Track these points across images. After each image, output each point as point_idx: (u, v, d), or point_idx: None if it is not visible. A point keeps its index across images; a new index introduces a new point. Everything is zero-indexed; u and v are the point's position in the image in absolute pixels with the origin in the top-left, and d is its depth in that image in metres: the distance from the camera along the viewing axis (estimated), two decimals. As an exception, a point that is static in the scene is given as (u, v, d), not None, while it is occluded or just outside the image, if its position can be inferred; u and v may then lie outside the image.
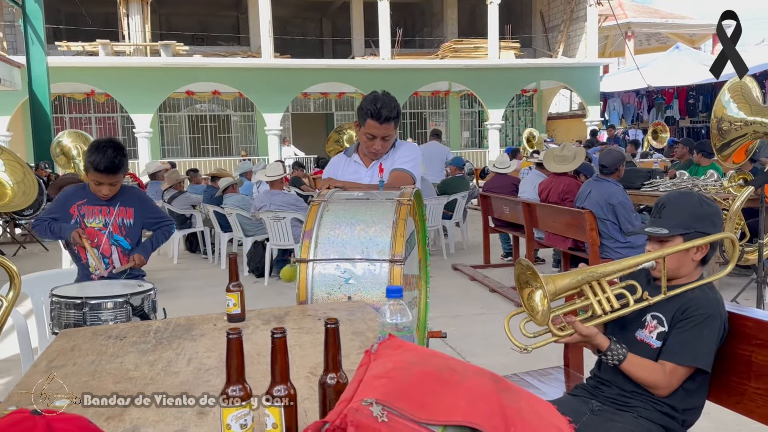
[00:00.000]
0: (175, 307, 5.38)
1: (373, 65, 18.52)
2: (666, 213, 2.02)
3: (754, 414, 1.94)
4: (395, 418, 0.87)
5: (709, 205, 2.03)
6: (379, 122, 2.84)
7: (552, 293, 1.83)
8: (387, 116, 2.83)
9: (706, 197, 2.07)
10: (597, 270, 1.92)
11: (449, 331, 4.74)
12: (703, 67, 17.71)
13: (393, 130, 2.89)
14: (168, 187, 8.44)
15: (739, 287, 5.12)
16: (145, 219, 3.45)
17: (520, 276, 1.91)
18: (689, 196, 2.05)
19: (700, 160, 7.13)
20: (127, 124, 18.83)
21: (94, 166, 3.15)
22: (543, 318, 1.83)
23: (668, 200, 2.06)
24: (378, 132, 2.87)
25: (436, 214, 7.80)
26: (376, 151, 2.92)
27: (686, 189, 2.43)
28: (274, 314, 2.09)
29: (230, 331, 1.11)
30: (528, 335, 1.93)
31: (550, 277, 1.86)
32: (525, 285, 1.90)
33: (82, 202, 3.30)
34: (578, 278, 1.89)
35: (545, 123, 23.08)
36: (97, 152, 3.13)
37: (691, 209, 1.99)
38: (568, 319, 1.91)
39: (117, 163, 3.17)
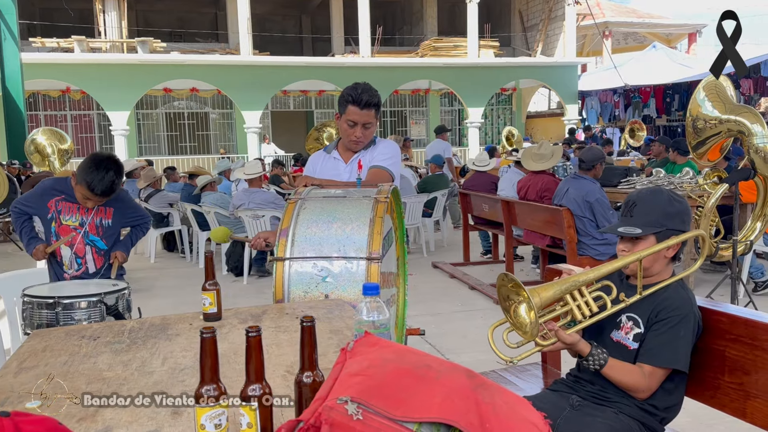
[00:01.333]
0: (151, 306, 5.33)
1: (353, 63, 18.46)
2: (637, 211, 2.01)
3: (727, 408, 1.97)
4: (370, 416, 0.87)
5: (680, 203, 2.04)
6: (360, 107, 2.82)
7: (539, 306, 1.81)
8: (368, 101, 2.81)
9: (676, 194, 2.08)
10: (579, 279, 1.91)
11: (429, 329, 4.75)
12: (680, 66, 18.00)
13: (374, 118, 2.88)
14: (145, 185, 8.34)
15: (714, 283, 5.20)
16: (125, 220, 3.39)
17: (502, 289, 1.88)
18: (660, 194, 2.04)
19: (676, 158, 7.22)
20: (104, 121, 18.57)
21: (90, 187, 3.04)
22: (532, 330, 1.80)
23: (639, 198, 2.05)
24: (359, 118, 2.85)
25: (416, 212, 7.81)
26: (357, 138, 2.90)
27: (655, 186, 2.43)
28: (251, 313, 2.07)
29: (204, 330, 1.09)
30: (511, 345, 1.92)
31: (535, 289, 1.84)
32: (507, 300, 1.87)
33: (60, 197, 3.22)
34: (562, 288, 1.88)
35: (524, 122, 23.22)
36: (96, 172, 3.02)
37: (662, 207, 2.00)
38: (550, 327, 1.90)
39: (114, 188, 3.09)
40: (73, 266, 3.24)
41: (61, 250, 3.22)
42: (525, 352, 1.94)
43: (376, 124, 2.95)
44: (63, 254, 3.24)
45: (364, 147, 2.96)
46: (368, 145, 2.98)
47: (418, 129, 22.73)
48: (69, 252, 3.22)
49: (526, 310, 1.80)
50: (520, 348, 1.95)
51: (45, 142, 9.75)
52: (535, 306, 1.76)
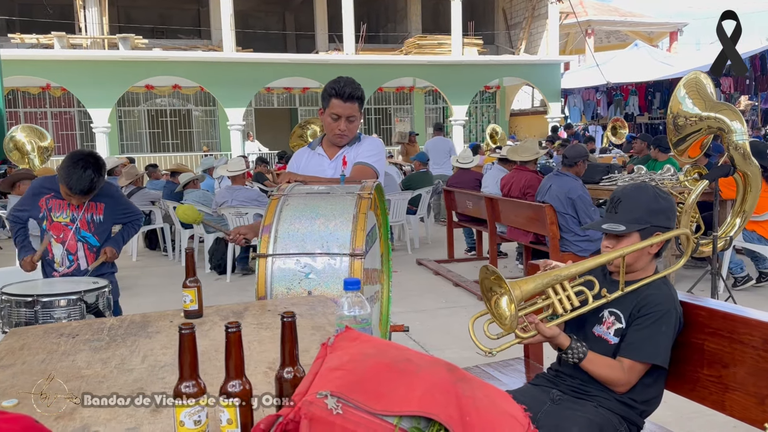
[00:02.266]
0: (133, 305, 5.29)
1: (337, 60, 18.41)
2: (622, 208, 2.01)
3: (706, 401, 1.99)
4: (350, 410, 0.86)
5: (665, 199, 2.03)
6: (343, 100, 2.81)
7: (519, 299, 1.82)
8: (350, 94, 2.80)
9: (661, 191, 2.06)
10: (561, 273, 1.91)
11: (413, 325, 4.76)
12: (661, 64, 18.18)
13: (357, 112, 2.87)
14: (127, 183, 8.26)
15: (695, 279, 5.26)
16: (116, 216, 3.37)
17: (484, 281, 1.88)
18: (645, 191, 2.03)
19: (657, 155, 7.29)
20: (85, 119, 18.36)
21: (68, 186, 3.01)
22: (511, 323, 1.81)
23: (624, 195, 2.04)
24: (342, 111, 2.83)
25: (401, 209, 7.82)
26: (342, 132, 2.88)
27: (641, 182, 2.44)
28: (232, 310, 2.06)
29: (182, 326, 1.08)
30: (492, 337, 1.93)
31: (516, 282, 1.84)
32: (489, 292, 1.87)
33: (50, 195, 3.20)
34: (543, 282, 1.88)
35: (508, 119, 23.31)
36: (74, 170, 2.98)
37: (646, 204, 1.99)
38: (531, 320, 1.91)
39: (93, 186, 3.05)
40: (64, 263, 3.21)
41: (52, 248, 3.19)
42: (505, 343, 1.94)
43: (360, 119, 2.94)
44: (54, 252, 3.21)
45: (348, 143, 2.95)
46: (353, 141, 2.96)
47: (403, 126, 22.72)
48: (61, 249, 3.19)
49: (507, 302, 1.81)
50: (501, 339, 1.95)
51: (24, 139, 9.61)
52: (516, 299, 1.77)
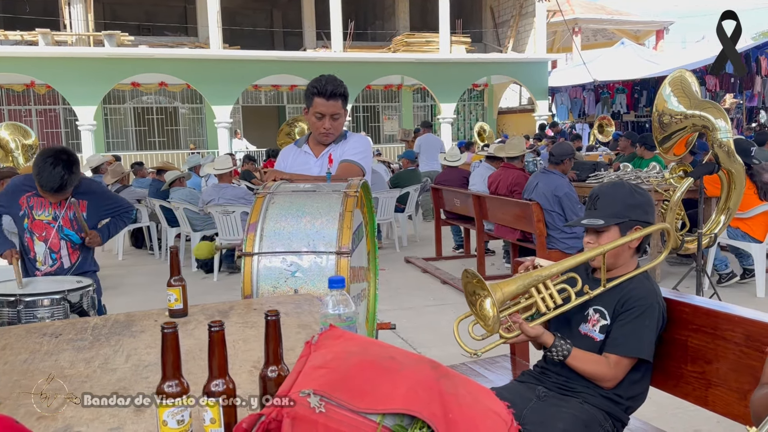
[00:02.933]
0: (119, 304, 5.25)
1: (325, 58, 18.36)
2: (600, 204, 2.06)
3: (690, 396, 2.01)
4: (333, 409, 0.86)
5: (641, 194, 2.09)
6: (326, 98, 2.80)
7: (501, 301, 1.83)
8: (333, 91, 2.79)
9: (638, 187, 2.13)
10: (542, 273, 1.93)
11: (401, 323, 4.76)
12: (647, 62, 18.30)
13: (341, 109, 2.85)
14: (113, 181, 8.19)
15: (680, 276, 5.30)
16: (102, 211, 3.31)
17: (467, 285, 1.90)
18: (621, 187, 2.10)
19: (643, 152, 7.34)
20: (70, 116, 18.18)
21: (40, 184, 2.97)
22: (494, 325, 1.83)
23: (601, 192, 2.10)
24: (326, 109, 2.82)
25: (389, 207, 7.82)
26: (326, 130, 2.87)
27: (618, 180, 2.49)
28: (218, 309, 2.05)
29: (165, 325, 1.07)
30: (477, 338, 1.94)
31: (497, 284, 1.86)
32: (473, 295, 1.89)
33: (31, 193, 3.15)
34: (525, 282, 1.90)
35: (496, 117, 23.37)
36: (44, 167, 2.92)
37: (623, 199, 2.05)
38: (515, 319, 1.93)
39: (64, 183, 2.97)
40: (47, 262, 3.17)
41: (34, 246, 3.15)
42: (490, 344, 1.96)
43: (345, 116, 2.93)
44: (36, 250, 3.17)
45: (334, 141, 2.94)
46: (339, 139, 2.96)
47: (391, 124, 22.73)
48: (43, 248, 3.15)
49: (490, 304, 1.82)
50: (486, 340, 1.97)
51: (8, 137, 9.50)
52: (497, 301, 1.79)
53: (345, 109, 2.89)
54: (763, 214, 5.25)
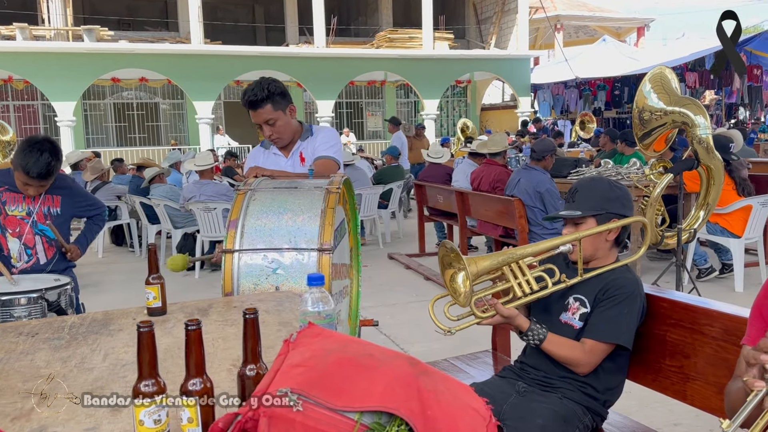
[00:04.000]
0: (99, 302, 5.19)
1: (308, 53, 18.27)
2: (579, 197, 2.09)
3: (668, 390, 2.03)
4: (311, 407, 0.85)
5: (619, 188, 2.13)
6: (253, 109, 2.81)
7: (474, 274, 1.87)
8: (252, 101, 2.79)
9: (616, 182, 2.18)
10: (516, 252, 1.97)
11: (384, 319, 4.77)
12: (628, 59, 18.44)
13: (274, 112, 2.83)
14: (93, 178, 8.09)
15: (660, 271, 5.36)
16: (75, 208, 3.30)
17: (444, 258, 1.94)
18: (599, 181, 2.14)
19: (623, 149, 7.40)
20: (49, 112, 17.94)
21: (25, 170, 2.94)
22: (465, 299, 1.86)
23: (580, 185, 2.14)
24: (257, 119, 2.83)
25: (372, 203, 7.81)
26: (271, 138, 2.90)
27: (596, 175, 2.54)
28: (197, 307, 2.03)
29: (140, 324, 1.06)
30: (452, 318, 1.97)
31: (472, 258, 1.90)
32: (448, 266, 1.93)
33: (4, 188, 3.11)
34: (499, 259, 1.94)
35: (479, 114, 23.44)
36: (30, 154, 2.91)
37: (601, 192, 2.08)
38: (490, 302, 1.95)
39: (50, 169, 2.97)
40: (22, 258, 3.13)
41: (8, 243, 3.11)
42: (465, 323, 1.98)
43: (289, 113, 2.89)
44: (11, 247, 3.12)
45: (300, 138, 2.95)
46: (304, 135, 2.97)
47: (374, 121, 22.71)
48: (17, 244, 3.11)
49: (463, 278, 1.85)
50: (461, 321, 2.00)
51: (-15, 133, 9.36)
52: (471, 274, 1.82)
53: (281, 110, 2.84)
54: (742, 209, 5.32)
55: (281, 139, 2.91)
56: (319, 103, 18.18)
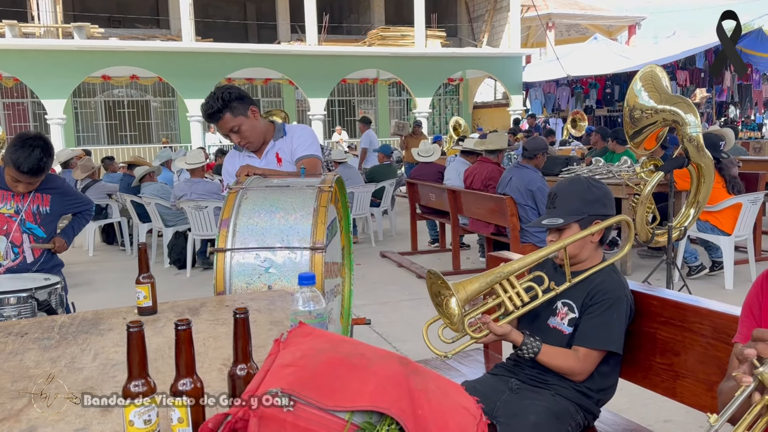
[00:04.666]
0: (90, 301, 5.16)
1: (300, 51, 18.23)
2: (559, 202, 2.09)
3: (658, 388, 2.04)
4: (302, 407, 0.85)
5: (598, 188, 2.11)
6: (213, 121, 2.84)
7: (464, 300, 1.85)
8: (210, 113, 2.81)
9: (595, 181, 2.16)
10: (504, 269, 1.94)
11: (377, 318, 4.77)
12: (620, 57, 18.50)
13: (236, 119, 2.83)
14: (83, 176, 8.04)
15: (651, 268, 5.38)
16: (65, 207, 3.29)
17: (432, 287, 1.91)
18: (578, 183, 2.12)
19: (614, 147, 7.43)
20: (39, 110, 17.82)
21: (16, 165, 2.93)
22: (459, 324, 1.84)
23: (559, 190, 2.13)
24: (222, 129, 2.87)
25: (364, 201, 7.80)
26: (241, 144, 2.92)
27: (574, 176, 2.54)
28: (188, 306, 2.02)
29: (130, 324, 1.05)
30: (446, 341, 1.96)
31: (460, 284, 1.87)
32: (438, 296, 1.90)
33: None
34: (488, 280, 1.91)
35: (471, 112, 23.46)
36: (22, 149, 2.90)
37: (580, 195, 2.07)
38: (483, 320, 1.94)
39: (42, 166, 2.97)
40: (9, 256, 3.10)
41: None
42: (460, 345, 1.97)
43: (252, 116, 2.88)
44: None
45: (273, 138, 2.96)
46: (277, 135, 2.98)
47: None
48: (5, 242, 3.08)
49: (455, 303, 1.83)
50: (456, 342, 1.99)
51: (-26, 131, 9.29)
52: (460, 300, 1.80)
53: (242, 115, 2.83)
54: (732, 207, 5.35)
55: (251, 143, 2.93)
56: (311, 101, 18.15)
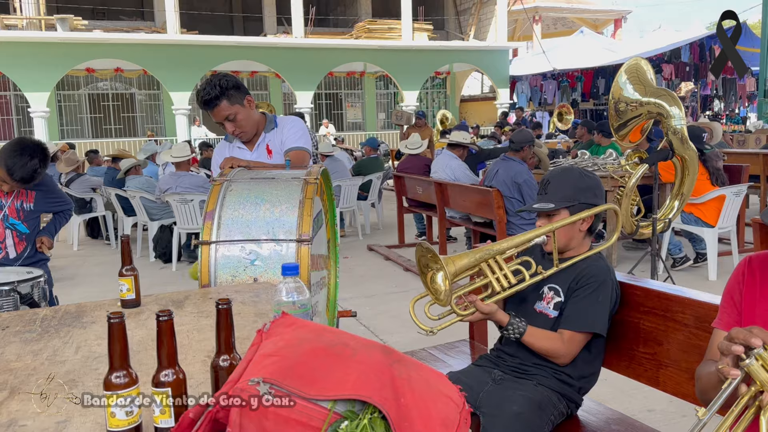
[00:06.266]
0: (74, 295, 5.13)
1: (285, 44, 18.12)
2: (551, 188, 2.10)
3: (642, 377, 2.06)
4: (284, 396, 0.85)
5: (590, 178, 2.13)
6: (209, 108, 2.79)
7: (452, 273, 1.87)
8: (206, 99, 2.76)
9: (587, 171, 2.18)
10: (493, 248, 1.97)
11: (363, 310, 4.77)
12: (606, 50, 18.60)
13: (230, 108, 2.79)
14: (68, 170, 7.96)
15: (636, 260, 5.43)
16: (48, 205, 3.29)
17: (421, 259, 1.93)
18: (571, 171, 2.15)
19: (600, 140, 7.46)
20: (21, 103, 17.60)
21: (9, 171, 2.93)
22: (446, 298, 1.86)
23: (552, 176, 2.15)
24: (217, 117, 2.82)
25: (351, 195, 7.79)
26: (235, 133, 2.88)
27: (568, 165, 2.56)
28: (172, 299, 2.01)
29: (111, 315, 1.04)
30: (433, 318, 1.97)
31: (450, 258, 1.89)
32: (426, 268, 1.92)
33: None
34: (476, 257, 1.94)
35: (458, 105, 23.48)
36: (20, 157, 2.91)
37: (573, 183, 2.09)
38: (470, 299, 1.95)
39: (35, 176, 2.98)
40: None
41: None
42: (446, 322, 1.99)
43: (248, 105, 2.85)
44: None
45: (265, 130, 2.94)
46: (268, 127, 2.95)
47: (354, 112, 22.63)
48: None
49: (443, 278, 1.85)
50: (442, 319, 2.01)
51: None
52: (449, 274, 1.82)
53: (238, 104, 2.81)
54: (716, 199, 5.40)
55: (245, 133, 2.89)
56: (297, 94, 18.07)
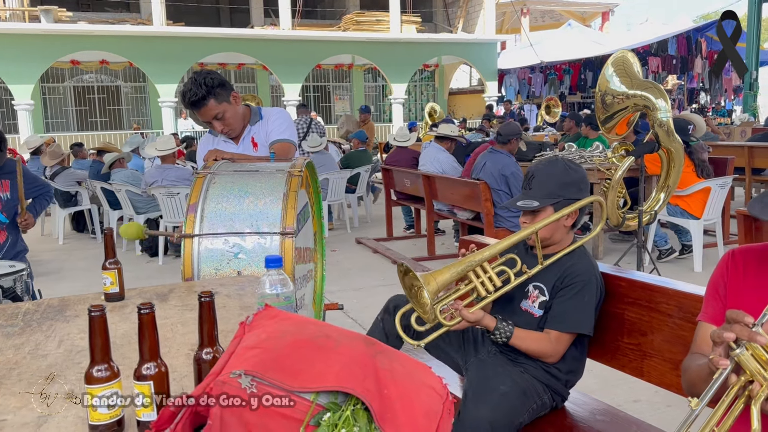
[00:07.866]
0: (59, 289, 5.09)
1: (273, 36, 18.01)
2: (535, 183, 2.07)
3: (626, 368, 2.07)
4: (265, 388, 0.85)
5: (575, 171, 2.09)
6: (197, 109, 2.75)
7: (434, 291, 1.82)
8: (193, 100, 2.72)
9: (572, 163, 2.13)
10: (475, 258, 1.91)
11: (351, 304, 4.77)
12: (593, 43, 18.66)
13: (220, 106, 2.75)
14: (53, 163, 7.88)
15: (622, 252, 5.46)
16: (24, 192, 3.26)
17: (404, 280, 1.89)
18: (555, 165, 2.10)
19: (587, 132, 7.49)
20: (5, 95, 17.39)
21: None
22: (430, 314, 1.83)
23: (536, 170, 2.10)
24: (205, 117, 2.78)
25: (340, 188, 7.78)
26: (224, 132, 2.85)
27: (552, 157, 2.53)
28: (156, 292, 1.99)
29: (92, 308, 1.04)
30: (420, 329, 1.93)
31: (431, 274, 1.84)
32: (411, 287, 1.87)
33: None
34: (459, 269, 1.89)
35: (446, 98, 23.47)
36: None
37: (557, 178, 2.05)
38: (455, 306, 1.91)
39: None
40: None
41: None
42: (434, 334, 1.95)
43: (233, 105, 2.81)
44: None
45: (250, 122, 2.91)
46: (253, 120, 2.92)
47: (342, 105, 22.56)
48: None
49: (427, 294, 1.81)
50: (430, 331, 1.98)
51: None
52: (430, 292, 1.78)
53: (225, 101, 2.77)
54: (701, 191, 5.44)
55: (233, 130, 2.86)
56: (285, 86, 17.98)
